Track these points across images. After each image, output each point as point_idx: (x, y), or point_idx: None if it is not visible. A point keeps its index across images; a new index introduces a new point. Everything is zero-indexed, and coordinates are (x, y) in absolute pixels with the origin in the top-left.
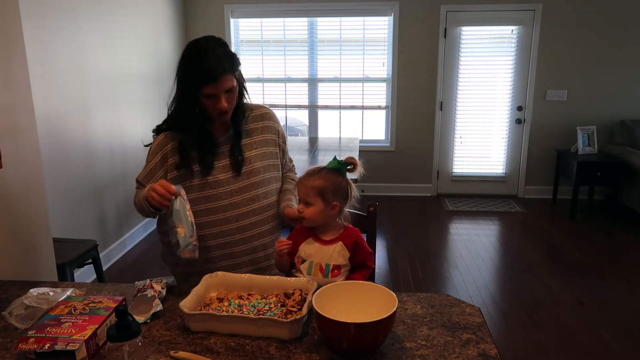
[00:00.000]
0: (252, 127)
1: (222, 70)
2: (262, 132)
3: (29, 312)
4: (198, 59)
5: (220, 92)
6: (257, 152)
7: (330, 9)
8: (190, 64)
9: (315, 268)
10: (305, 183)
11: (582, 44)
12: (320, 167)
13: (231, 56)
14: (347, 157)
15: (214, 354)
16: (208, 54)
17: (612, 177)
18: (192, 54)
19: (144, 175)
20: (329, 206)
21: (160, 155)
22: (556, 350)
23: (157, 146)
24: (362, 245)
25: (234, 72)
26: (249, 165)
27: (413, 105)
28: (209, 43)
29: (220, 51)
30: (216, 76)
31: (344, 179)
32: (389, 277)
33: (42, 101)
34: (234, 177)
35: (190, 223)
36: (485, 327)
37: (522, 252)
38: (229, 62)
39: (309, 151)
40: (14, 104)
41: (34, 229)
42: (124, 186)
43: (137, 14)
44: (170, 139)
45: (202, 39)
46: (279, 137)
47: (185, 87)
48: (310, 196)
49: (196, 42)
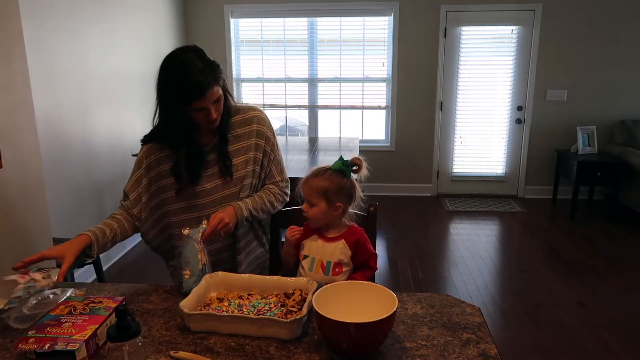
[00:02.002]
0: (240, 132)
1: (208, 83)
2: (249, 137)
3: (28, 314)
4: (181, 75)
5: (209, 104)
6: (245, 157)
7: (330, 9)
8: (174, 81)
9: (317, 265)
10: (309, 183)
11: (582, 43)
12: (326, 167)
13: (212, 65)
14: (353, 158)
15: (214, 354)
16: (191, 69)
17: (612, 177)
18: (173, 70)
19: (129, 185)
20: (333, 207)
21: (145, 165)
22: (556, 350)
23: (142, 156)
24: (365, 245)
25: (218, 81)
26: (236, 173)
27: (413, 105)
28: (187, 55)
29: (201, 63)
30: (203, 91)
31: (349, 180)
32: (389, 277)
33: (42, 101)
34: (221, 185)
35: (199, 269)
36: (485, 327)
37: (522, 252)
38: (212, 72)
39: (309, 151)
40: (14, 104)
41: (33, 229)
42: (124, 186)
43: (137, 14)
44: (155, 149)
45: (178, 51)
46: (266, 142)
47: (171, 104)
48: (314, 197)
49: (174, 56)
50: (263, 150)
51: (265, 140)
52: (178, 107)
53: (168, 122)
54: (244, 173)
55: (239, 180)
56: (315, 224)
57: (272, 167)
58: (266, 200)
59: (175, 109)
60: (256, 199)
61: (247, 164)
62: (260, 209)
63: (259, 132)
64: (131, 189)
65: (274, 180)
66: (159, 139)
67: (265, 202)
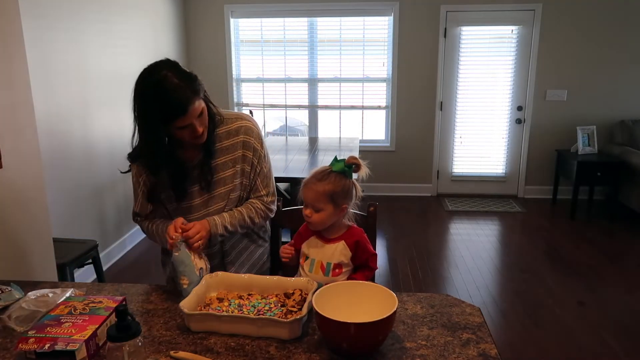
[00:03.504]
0: (226, 144)
1: (187, 99)
2: (235, 149)
3: (28, 315)
4: (159, 95)
5: (193, 119)
6: (232, 171)
7: (330, 9)
8: (151, 102)
9: (317, 266)
10: (314, 189)
11: (582, 44)
12: (327, 169)
13: (190, 78)
14: (350, 158)
15: (214, 354)
16: (168, 87)
17: (612, 177)
18: (149, 91)
19: (138, 206)
20: (339, 209)
21: (142, 181)
22: (556, 350)
23: (136, 174)
24: (365, 245)
25: (198, 94)
26: (224, 187)
27: (413, 105)
28: (161, 72)
29: (177, 79)
30: (185, 108)
31: (350, 180)
32: (389, 277)
33: (42, 101)
34: (208, 200)
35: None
36: (485, 327)
37: (522, 252)
38: (191, 86)
39: (309, 151)
40: (14, 104)
41: (34, 228)
42: (124, 186)
43: (137, 14)
44: (143, 166)
45: (152, 69)
46: (254, 154)
47: (151, 125)
48: (320, 201)
49: (148, 76)
50: (250, 162)
51: (252, 152)
52: (159, 129)
53: (146, 145)
54: (231, 187)
55: (225, 194)
56: (319, 227)
57: (257, 180)
58: (246, 215)
59: (157, 130)
60: (235, 214)
61: (235, 177)
62: (238, 225)
63: (245, 144)
64: (142, 208)
65: (259, 195)
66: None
67: (245, 217)
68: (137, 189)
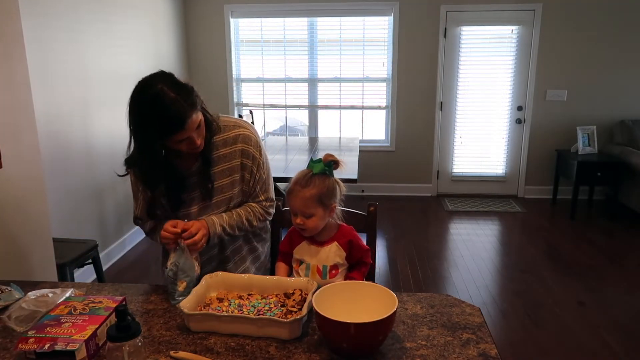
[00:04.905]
0: (224, 152)
1: (185, 113)
2: (233, 158)
3: (28, 315)
4: (156, 111)
5: (191, 132)
6: (231, 179)
7: (330, 9)
8: (148, 118)
9: (313, 270)
10: (300, 195)
11: (582, 44)
12: (308, 173)
13: (186, 90)
14: (326, 155)
15: (214, 354)
16: (164, 101)
17: (612, 177)
18: (145, 105)
19: (139, 210)
20: (329, 210)
21: (141, 190)
22: (556, 350)
23: (134, 183)
24: (358, 243)
25: (196, 106)
26: (221, 195)
27: (413, 105)
28: (157, 86)
29: (174, 92)
30: (183, 122)
31: (333, 178)
32: (389, 277)
33: (42, 101)
34: (206, 207)
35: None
36: (485, 327)
37: (522, 252)
38: (188, 99)
39: (309, 151)
40: (14, 104)
41: (33, 228)
42: (124, 186)
43: (137, 14)
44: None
45: (147, 83)
46: (253, 162)
47: (148, 139)
48: (310, 207)
49: (144, 89)
50: (250, 170)
51: (252, 160)
52: (156, 143)
53: (143, 157)
54: (230, 195)
55: (224, 202)
56: (314, 232)
57: (257, 187)
58: (244, 218)
59: (153, 145)
60: (233, 216)
61: (234, 186)
62: (236, 227)
63: (244, 152)
64: (142, 212)
65: (258, 200)
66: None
67: (243, 219)
68: (136, 193)
